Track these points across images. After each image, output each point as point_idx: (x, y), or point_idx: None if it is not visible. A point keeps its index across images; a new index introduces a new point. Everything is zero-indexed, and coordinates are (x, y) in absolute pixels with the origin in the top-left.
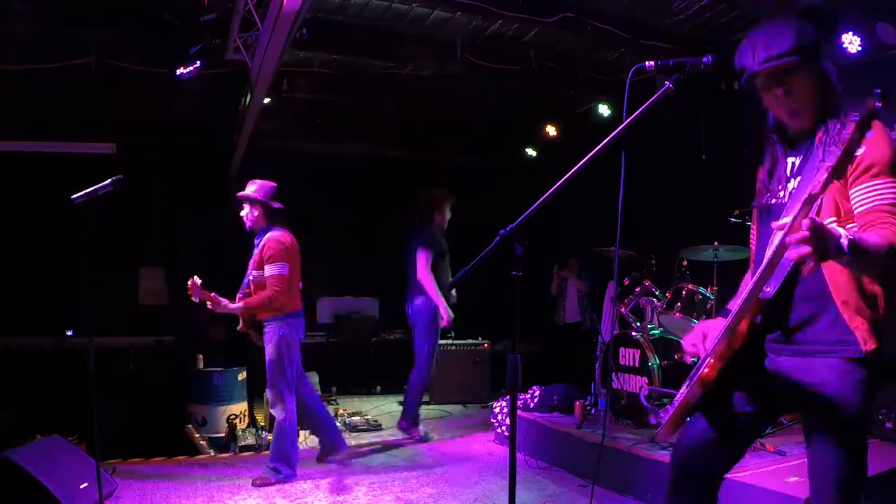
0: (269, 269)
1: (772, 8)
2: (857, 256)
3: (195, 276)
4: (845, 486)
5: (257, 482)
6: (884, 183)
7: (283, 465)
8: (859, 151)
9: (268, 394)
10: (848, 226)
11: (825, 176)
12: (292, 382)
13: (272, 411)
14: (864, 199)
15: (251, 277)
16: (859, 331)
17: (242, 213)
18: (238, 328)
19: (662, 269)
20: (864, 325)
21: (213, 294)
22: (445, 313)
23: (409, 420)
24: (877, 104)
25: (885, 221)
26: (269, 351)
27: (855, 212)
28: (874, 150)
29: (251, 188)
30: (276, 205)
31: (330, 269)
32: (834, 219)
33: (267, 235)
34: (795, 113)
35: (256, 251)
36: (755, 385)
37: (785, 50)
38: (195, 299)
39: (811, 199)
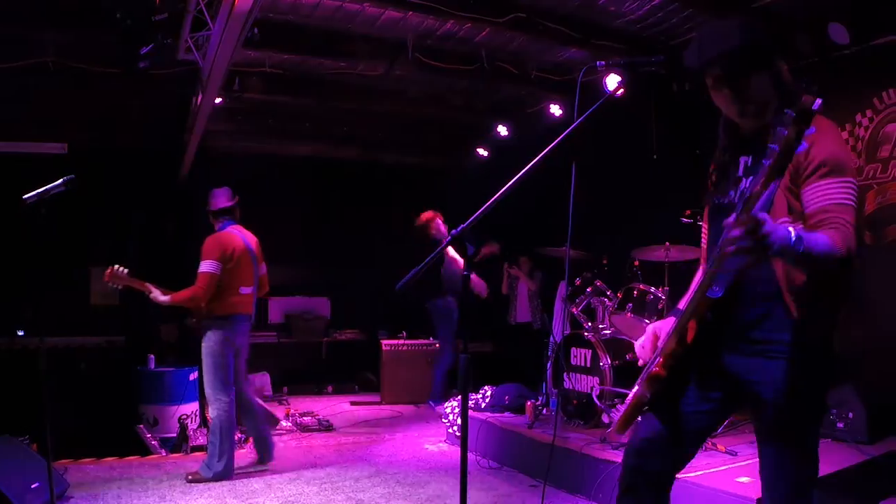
0: (200, 267)
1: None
2: (804, 257)
3: (117, 265)
4: (798, 486)
5: (189, 477)
6: (833, 183)
7: (216, 462)
8: (802, 148)
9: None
10: (800, 225)
11: (763, 177)
12: (228, 382)
13: (209, 409)
14: (813, 200)
15: None
16: (809, 332)
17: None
18: (189, 321)
19: (614, 270)
20: (814, 326)
21: (146, 284)
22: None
23: (436, 397)
24: (815, 101)
25: (834, 222)
26: (202, 349)
27: (805, 212)
28: (822, 148)
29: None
30: (216, 206)
31: (281, 269)
32: (787, 219)
33: (212, 234)
34: (744, 112)
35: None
36: (708, 383)
37: (731, 48)
38: (116, 286)
39: (752, 199)
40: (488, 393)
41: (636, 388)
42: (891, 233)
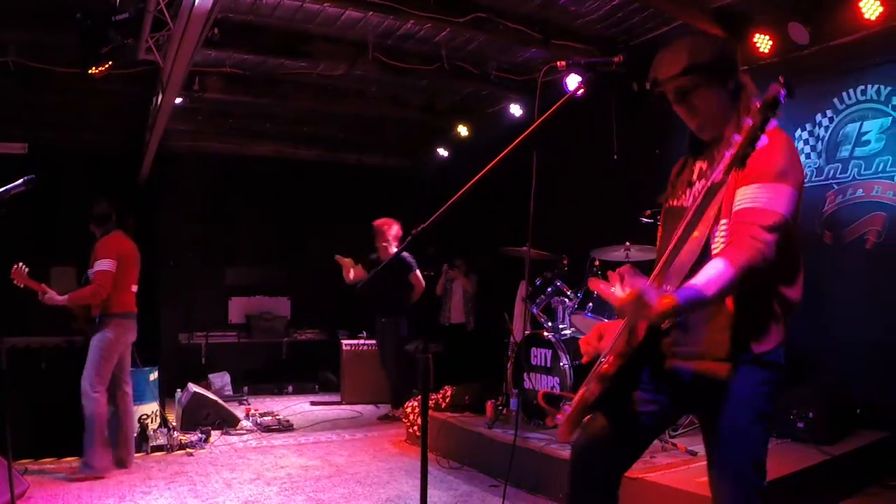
0: (95, 266)
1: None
2: (707, 303)
3: (20, 263)
4: (745, 487)
5: (71, 477)
6: (758, 187)
7: (93, 457)
8: (761, 143)
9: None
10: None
11: (726, 163)
12: (105, 379)
13: (84, 403)
14: (737, 201)
15: (87, 276)
16: (754, 333)
17: (92, 226)
18: (74, 325)
19: (574, 270)
20: (759, 326)
21: (43, 285)
22: None
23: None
24: (781, 91)
25: (738, 233)
26: (92, 345)
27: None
28: (763, 155)
29: (98, 205)
30: (102, 212)
31: (241, 270)
32: (726, 220)
33: (102, 238)
34: (702, 127)
35: (93, 252)
36: (655, 385)
37: (677, 71)
38: (19, 284)
39: (713, 189)
40: (448, 393)
41: (582, 388)
42: (850, 233)
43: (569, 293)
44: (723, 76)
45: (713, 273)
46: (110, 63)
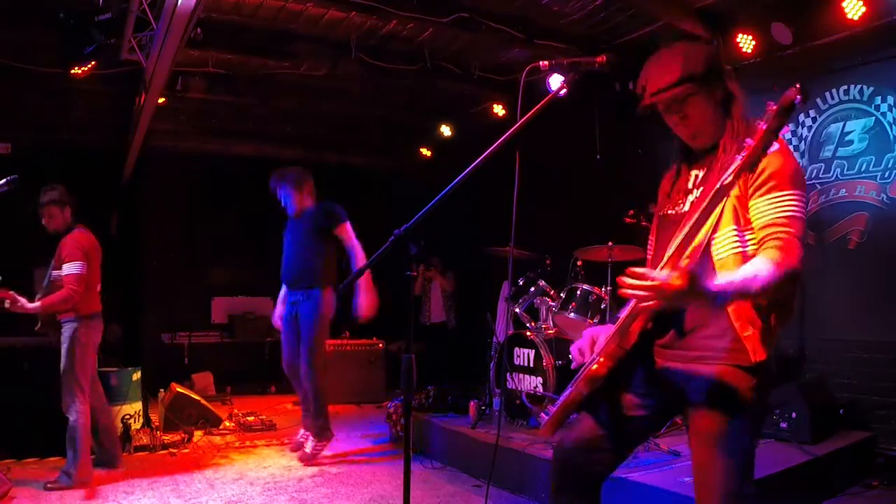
0: (66, 268)
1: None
2: (740, 297)
3: None
4: (731, 495)
5: (49, 486)
6: (782, 195)
7: (74, 469)
8: (772, 149)
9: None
10: (747, 236)
11: (738, 167)
12: (85, 385)
13: (66, 414)
14: (763, 211)
15: (51, 277)
16: (749, 340)
17: (45, 219)
18: (36, 328)
19: (557, 270)
20: (755, 335)
21: (11, 293)
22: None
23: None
24: (797, 97)
25: (777, 239)
26: (64, 351)
27: (753, 224)
28: (774, 162)
29: (53, 193)
30: (69, 202)
31: (224, 269)
32: (734, 227)
33: (66, 235)
34: (695, 136)
35: (57, 251)
36: (646, 389)
37: (673, 81)
38: None
39: (721, 192)
40: (431, 393)
41: (569, 389)
42: (833, 233)
43: (552, 293)
44: (715, 85)
45: (760, 269)
46: (93, 63)
